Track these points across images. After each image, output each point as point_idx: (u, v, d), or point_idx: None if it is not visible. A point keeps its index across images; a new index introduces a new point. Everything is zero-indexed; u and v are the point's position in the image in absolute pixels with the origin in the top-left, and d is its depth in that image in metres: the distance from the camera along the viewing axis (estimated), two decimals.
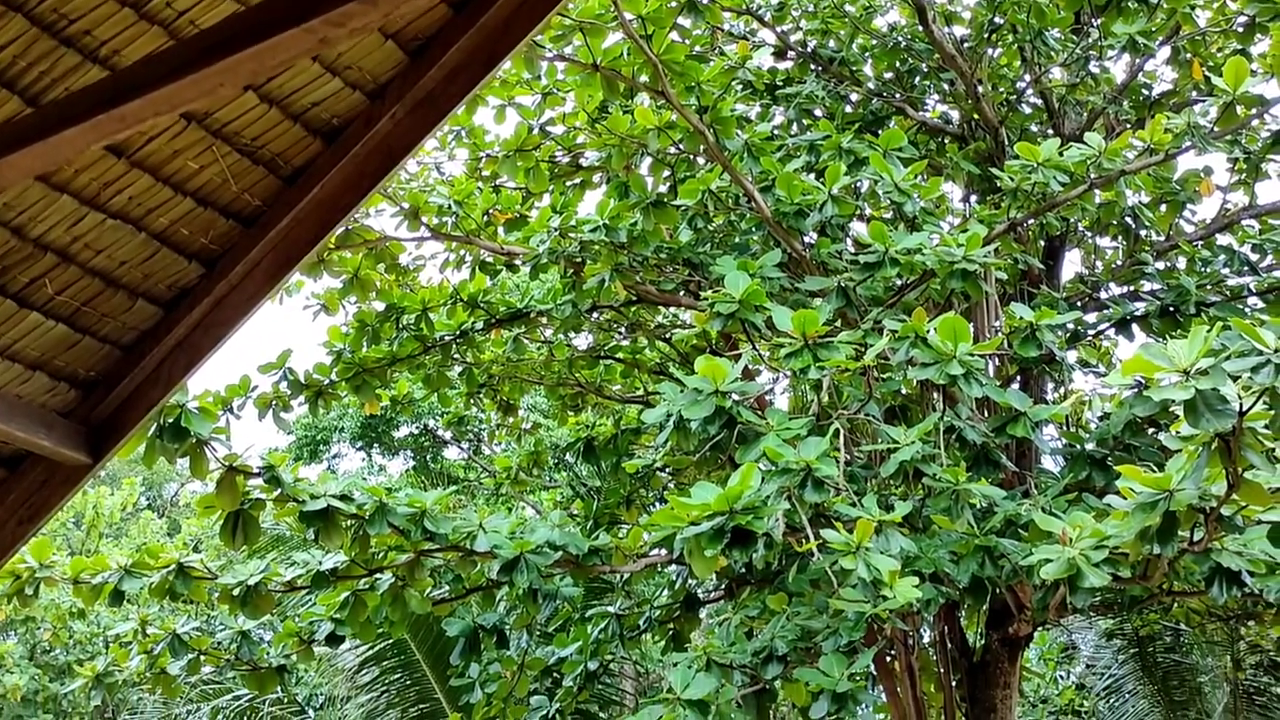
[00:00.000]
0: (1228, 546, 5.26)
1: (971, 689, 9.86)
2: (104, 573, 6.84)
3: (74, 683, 8.34)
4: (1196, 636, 12.08)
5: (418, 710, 11.81)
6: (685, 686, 6.49)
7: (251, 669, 7.73)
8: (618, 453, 9.79)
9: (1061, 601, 6.82)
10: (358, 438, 21.87)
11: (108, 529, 18.69)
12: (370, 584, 7.37)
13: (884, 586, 5.83)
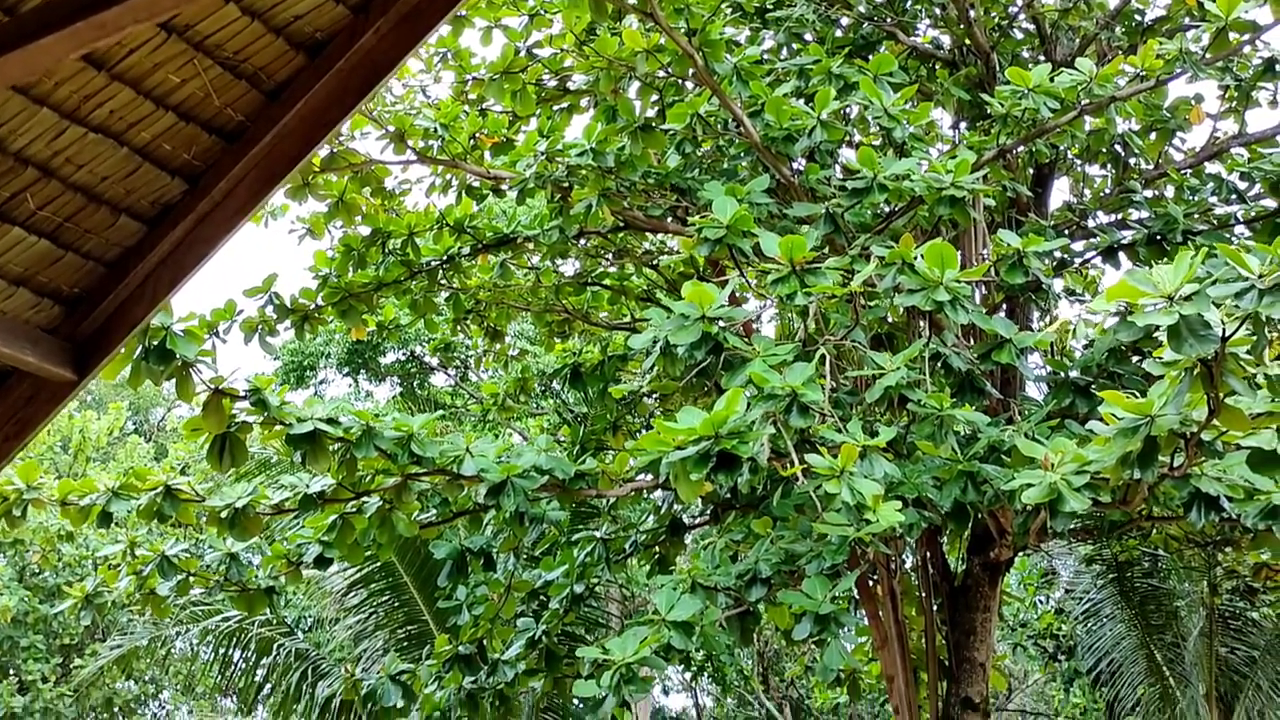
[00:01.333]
0: (1207, 472, 5.32)
1: (952, 612, 10.00)
2: (91, 495, 6.87)
3: (64, 603, 8.40)
4: (1174, 562, 12.25)
5: (405, 632, 11.95)
6: (670, 608, 6.57)
7: (240, 590, 7.79)
8: (604, 379, 9.82)
9: (1042, 526, 6.90)
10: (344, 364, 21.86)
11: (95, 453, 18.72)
12: (357, 507, 7.41)
13: (867, 511, 5.89)
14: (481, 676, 8.56)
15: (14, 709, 17.69)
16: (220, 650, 12.20)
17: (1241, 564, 11.05)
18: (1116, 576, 13.10)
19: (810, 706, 30.25)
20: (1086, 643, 14.43)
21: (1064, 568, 17.16)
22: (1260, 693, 12.75)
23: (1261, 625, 12.89)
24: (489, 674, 8.60)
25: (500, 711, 8.95)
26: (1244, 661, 13.12)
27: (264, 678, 12.31)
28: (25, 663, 17.81)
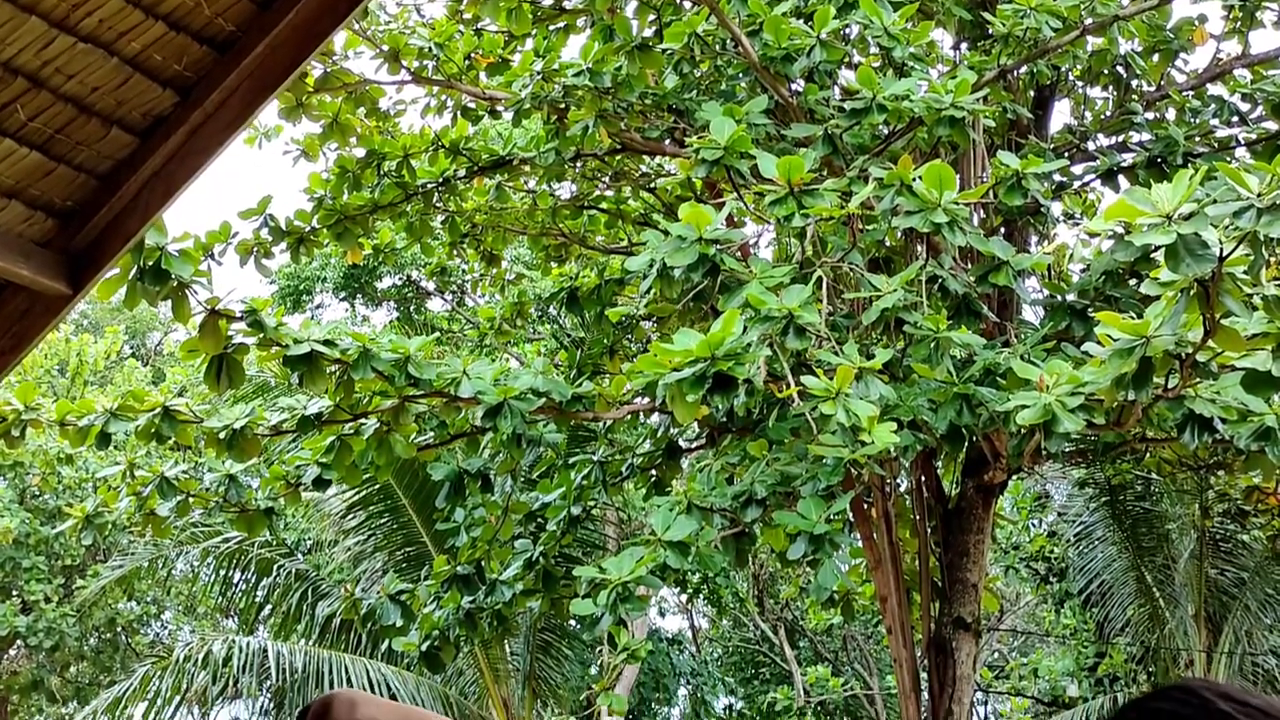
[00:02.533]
0: (1201, 394, 5.34)
1: (946, 534, 10.10)
2: (89, 416, 6.88)
3: (64, 524, 8.46)
4: (1166, 485, 12.35)
5: (404, 554, 12.06)
6: (666, 528, 6.63)
7: (239, 511, 7.84)
8: (601, 303, 9.80)
9: (1036, 448, 6.94)
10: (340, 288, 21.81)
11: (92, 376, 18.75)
12: (355, 429, 7.44)
13: (862, 432, 5.92)
14: (480, 596, 8.65)
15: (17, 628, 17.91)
16: (221, 571, 12.33)
17: (1233, 487, 11.14)
18: (1109, 500, 13.21)
19: (805, 628, 30.67)
20: (1078, 565, 14.61)
21: (1057, 491, 17.31)
22: (1249, 613, 12.93)
23: (1251, 547, 13.04)
24: (487, 594, 8.69)
25: (498, 631, 9.07)
26: (1233, 583, 13.30)
27: (264, 598, 12.46)
28: (28, 583, 18.00)
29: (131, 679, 11.63)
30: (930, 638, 10.18)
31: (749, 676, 33.70)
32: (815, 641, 31.97)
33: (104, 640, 20.95)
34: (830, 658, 31.59)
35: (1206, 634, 13.23)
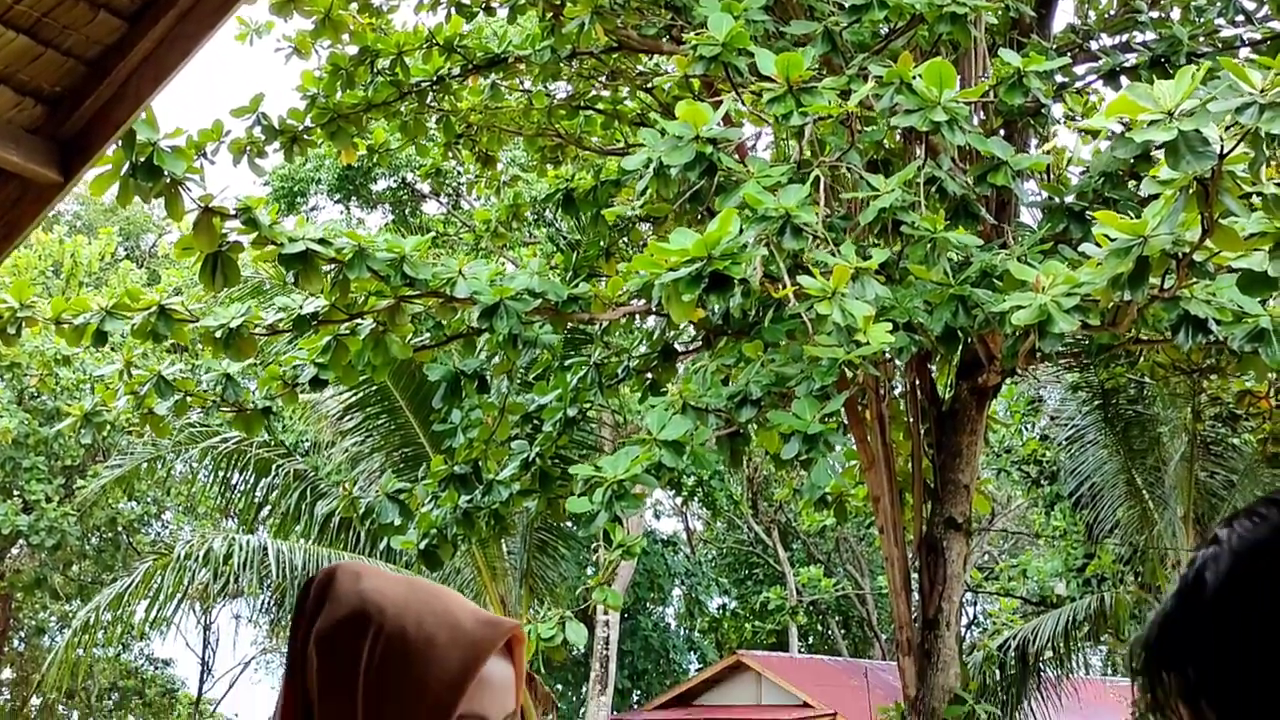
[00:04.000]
0: (1196, 294, 5.34)
1: (939, 436, 10.18)
2: (85, 314, 6.87)
3: (63, 423, 8.50)
4: (1159, 389, 12.42)
5: (401, 454, 12.15)
6: (661, 428, 6.68)
7: (237, 411, 7.87)
8: (597, 205, 9.74)
9: (1031, 350, 6.96)
10: (335, 190, 21.67)
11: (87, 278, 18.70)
12: (351, 329, 7.44)
13: (858, 332, 5.93)
14: (477, 496, 8.73)
15: (19, 527, 18.11)
16: (220, 472, 12.42)
17: (1225, 391, 11.20)
18: (1102, 403, 13.29)
19: (798, 530, 31.10)
20: (1069, 468, 14.75)
21: (1051, 395, 17.40)
22: None
23: (1241, 450, 13.15)
24: (484, 494, 8.77)
25: (495, 530, 9.17)
26: (1222, 485, 13.45)
27: (263, 498, 12.58)
28: (28, 483, 18.16)
29: (133, 575, 11.80)
30: (922, 537, 10.32)
31: (742, 577, 34.28)
32: (808, 543, 32.44)
33: (105, 539, 21.22)
34: (822, 559, 32.09)
35: (1194, 535, 13.41)
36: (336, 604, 1.12)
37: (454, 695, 1.09)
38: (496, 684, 1.13)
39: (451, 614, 1.13)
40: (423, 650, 1.10)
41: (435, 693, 1.08)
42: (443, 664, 1.10)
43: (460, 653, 1.10)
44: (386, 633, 1.10)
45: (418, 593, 1.13)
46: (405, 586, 1.13)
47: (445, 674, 1.09)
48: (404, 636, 1.10)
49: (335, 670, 1.09)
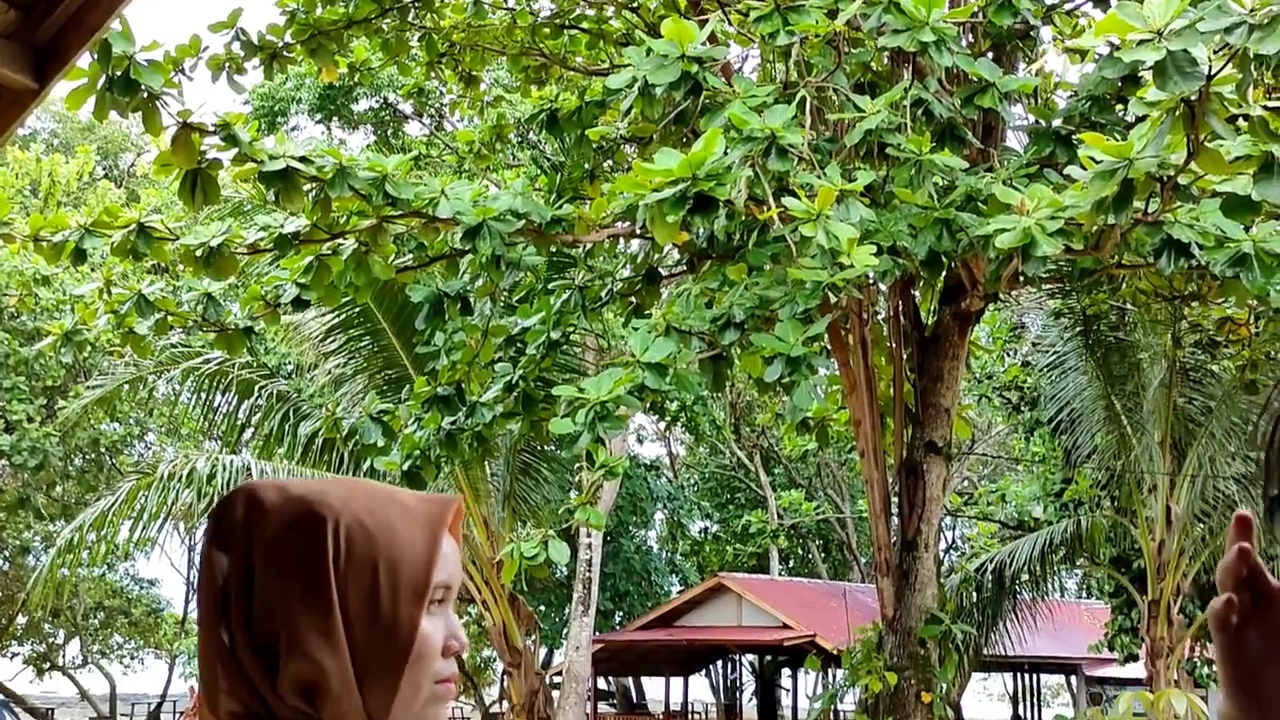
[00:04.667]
0: (1180, 219, 5.35)
1: (921, 360, 10.23)
2: (64, 231, 6.80)
3: (43, 341, 8.45)
4: (1140, 316, 12.47)
5: (384, 376, 12.14)
6: (645, 350, 6.68)
7: (219, 331, 7.83)
8: (581, 125, 9.65)
9: (1014, 274, 6.97)
10: (316, 110, 21.39)
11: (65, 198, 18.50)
12: (333, 249, 7.39)
13: (842, 255, 5.92)
14: (460, 418, 8.74)
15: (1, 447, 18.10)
16: (202, 393, 12.40)
17: (1206, 318, 11.25)
18: (1083, 330, 13.35)
19: (780, 455, 31.32)
20: (1049, 393, 14.86)
21: (1033, 323, 17.47)
22: (1213, 440, 13.24)
23: (1220, 377, 13.26)
24: (467, 415, 8.78)
25: (478, 452, 9.21)
26: (1200, 411, 13.57)
27: (246, 420, 12.57)
28: (9, 403, 18.12)
29: (117, 494, 11.83)
30: (902, 461, 10.41)
31: (724, 501, 34.59)
32: (789, 468, 32.70)
33: (88, 460, 21.23)
34: (804, 483, 32.37)
35: (1171, 460, 13.56)
36: (274, 514, 1.10)
37: (427, 570, 1.11)
38: (450, 554, 1.15)
39: (394, 498, 1.15)
40: (385, 533, 1.11)
41: (410, 572, 1.10)
42: (408, 541, 1.11)
43: (419, 529, 1.12)
44: (345, 524, 1.09)
45: (351, 487, 1.14)
46: (335, 484, 1.14)
47: (414, 549, 1.11)
48: (363, 524, 1.10)
49: (298, 576, 1.08)
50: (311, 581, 1.08)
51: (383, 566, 1.09)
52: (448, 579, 1.14)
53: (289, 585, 1.08)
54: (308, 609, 1.08)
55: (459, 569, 1.18)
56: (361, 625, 1.08)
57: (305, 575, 1.08)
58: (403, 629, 1.09)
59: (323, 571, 1.08)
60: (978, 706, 37.68)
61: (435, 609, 1.13)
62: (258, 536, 1.10)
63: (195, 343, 12.93)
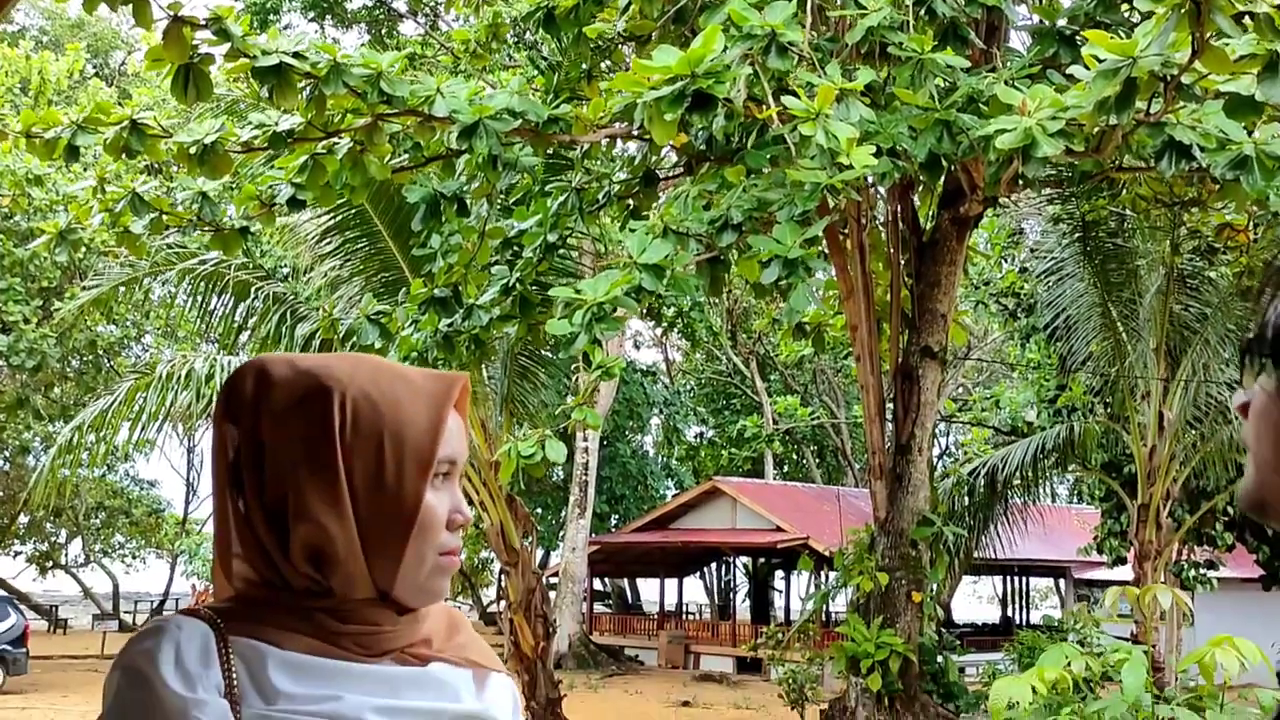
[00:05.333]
0: (1182, 120, 5.30)
1: (919, 265, 10.22)
2: (56, 128, 6.73)
3: (37, 241, 8.41)
4: (1140, 222, 12.43)
5: (380, 279, 12.11)
6: (642, 251, 6.67)
7: (214, 230, 7.81)
8: (579, 23, 9.49)
9: (1014, 176, 6.93)
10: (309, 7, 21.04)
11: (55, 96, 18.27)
12: (328, 148, 7.32)
13: (841, 155, 5.88)
14: (457, 320, 8.75)
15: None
16: (198, 295, 12.37)
17: (1205, 224, 11.22)
18: (1081, 236, 13.31)
19: (776, 361, 31.43)
20: (1046, 300, 14.86)
21: (1031, 228, 17.41)
22: (1208, 347, 13.28)
23: (1217, 284, 13.26)
24: (464, 318, 8.78)
25: (476, 354, 9.23)
26: (1196, 318, 13.59)
27: (242, 322, 12.56)
28: (5, 304, 18.10)
29: (116, 394, 11.87)
30: (897, 365, 10.46)
31: (720, 407, 34.80)
32: (785, 374, 32.83)
33: (86, 362, 21.28)
34: (799, 389, 32.53)
35: (1165, 366, 13.62)
36: (282, 388, 1.13)
37: (432, 441, 1.13)
38: (455, 430, 1.18)
39: (401, 374, 1.17)
40: (391, 407, 1.13)
41: (414, 445, 1.12)
42: (413, 416, 1.13)
43: (424, 404, 1.14)
44: (352, 396, 1.12)
45: (357, 362, 1.16)
46: (342, 359, 1.16)
47: (419, 423, 1.13)
48: (370, 398, 1.13)
49: (306, 447, 1.11)
50: (318, 452, 1.11)
51: (388, 439, 1.12)
52: (452, 454, 1.16)
53: (297, 456, 1.11)
54: (315, 478, 1.10)
55: (464, 445, 1.20)
56: (367, 495, 1.11)
57: (312, 446, 1.11)
58: (407, 500, 1.12)
59: (329, 442, 1.10)
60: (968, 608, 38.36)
61: (440, 483, 1.16)
62: (266, 409, 1.13)
63: (191, 244, 12.87)
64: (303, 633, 1.12)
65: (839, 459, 33.13)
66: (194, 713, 1.05)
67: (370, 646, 1.15)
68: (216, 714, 1.06)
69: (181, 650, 1.07)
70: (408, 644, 1.18)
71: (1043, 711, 4.05)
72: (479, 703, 1.21)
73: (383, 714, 1.11)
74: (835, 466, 34.01)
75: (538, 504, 28.61)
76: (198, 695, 1.06)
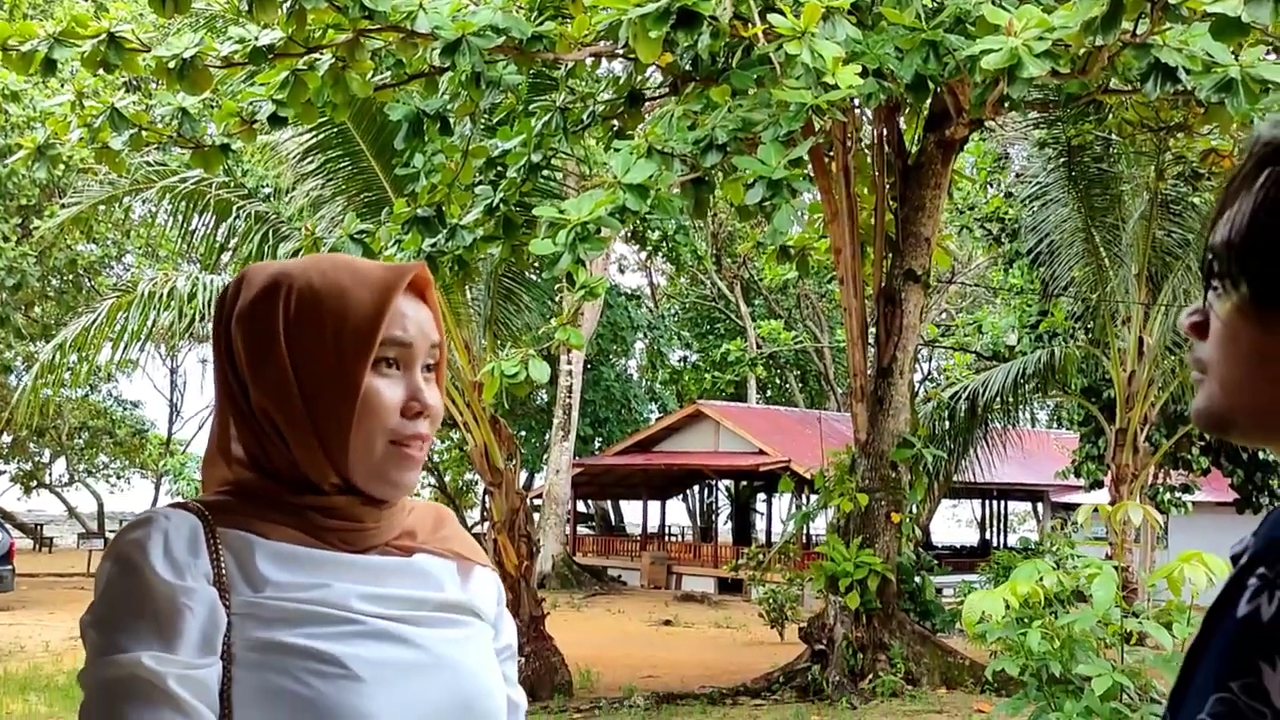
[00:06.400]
0: (1168, 42, 5.28)
1: (904, 189, 10.22)
2: (33, 40, 6.63)
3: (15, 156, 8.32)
4: (1125, 147, 12.40)
5: (363, 199, 12.02)
6: (626, 171, 6.64)
7: (195, 147, 7.73)
8: None
9: (1000, 98, 6.90)
10: None
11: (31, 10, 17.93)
12: (309, 64, 7.24)
13: (827, 75, 5.85)
14: (440, 240, 8.72)
15: None
16: (179, 214, 12.27)
17: (1190, 150, 11.21)
18: (1067, 160, 13.29)
19: (760, 285, 31.43)
20: (1030, 224, 14.87)
21: (1017, 154, 17.36)
22: (1189, 273, 13.34)
23: (1200, 210, 13.28)
24: (448, 238, 8.75)
25: (459, 275, 9.22)
26: (1178, 244, 13.64)
27: (224, 241, 12.48)
28: None
29: (98, 313, 11.82)
30: (881, 289, 10.49)
31: (704, 331, 34.84)
32: (769, 299, 32.85)
33: (66, 281, 21.15)
34: (783, 314, 32.59)
35: (1146, 292, 13.69)
36: (250, 288, 1.20)
37: (373, 322, 1.16)
38: (413, 316, 1.19)
39: (353, 265, 1.20)
40: (334, 294, 1.17)
41: (354, 328, 1.16)
42: (356, 301, 1.17)
43: (370, 290, 1.17)
44: (297, 289, 1.17)
45: (320, 259, 1.21)
46: (308, 259, 1.20)
47: (360, 307, 1.16)
48: (313, 287, 1.17)
49: (257, 337, 1.17)
50: (266, 342, 1.16)
51: (329, 324, 1.16)
52: (405, 338, 1.18)
53: (250, 346, 1.17)
54: (265, 365, 1.16)
55: (428, 332, 1.21)
56: (311, 380, 1.15)
57: (259, 335, 1.17)
58: (347, 382, 1.15)
59: (273, 332, 1.16)
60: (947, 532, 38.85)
61: (390, 369, 1.18)
62: (238, 308, 1.19)
63: (171, 162, 12.75)
64: (289, 526, 1.16)
65: (821, 383, 33.30)
66: (183, 599, 1.08)
67: (353, 542, 1.18)
68: (205, 601, 1.09)
69: (170, 540, 1.10)
70: (391, 538, 1.22)
71: (1014, 625, 4.14)
72: (463, 593, 1.24)
73: (368, 601, 1.14)
74: (818, 391, 34.20)
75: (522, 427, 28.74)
76: (186, 583, 1.09)
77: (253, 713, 1.08)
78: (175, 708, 1.05)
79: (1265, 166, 0.83)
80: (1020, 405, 17.14)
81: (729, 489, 32.46)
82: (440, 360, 1.23)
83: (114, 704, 1.05)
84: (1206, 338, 0.86)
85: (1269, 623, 0.72)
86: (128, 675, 1.05)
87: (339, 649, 1.10)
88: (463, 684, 1.17)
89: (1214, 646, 0.75)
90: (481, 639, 1.23)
